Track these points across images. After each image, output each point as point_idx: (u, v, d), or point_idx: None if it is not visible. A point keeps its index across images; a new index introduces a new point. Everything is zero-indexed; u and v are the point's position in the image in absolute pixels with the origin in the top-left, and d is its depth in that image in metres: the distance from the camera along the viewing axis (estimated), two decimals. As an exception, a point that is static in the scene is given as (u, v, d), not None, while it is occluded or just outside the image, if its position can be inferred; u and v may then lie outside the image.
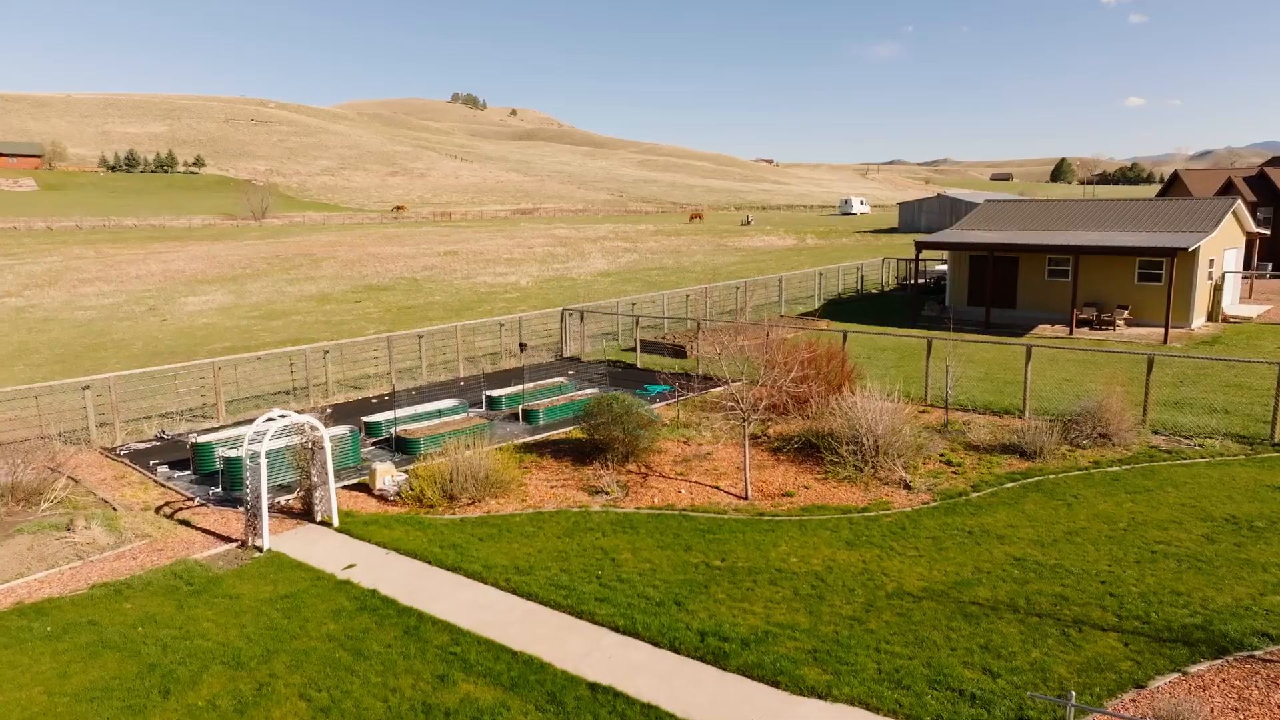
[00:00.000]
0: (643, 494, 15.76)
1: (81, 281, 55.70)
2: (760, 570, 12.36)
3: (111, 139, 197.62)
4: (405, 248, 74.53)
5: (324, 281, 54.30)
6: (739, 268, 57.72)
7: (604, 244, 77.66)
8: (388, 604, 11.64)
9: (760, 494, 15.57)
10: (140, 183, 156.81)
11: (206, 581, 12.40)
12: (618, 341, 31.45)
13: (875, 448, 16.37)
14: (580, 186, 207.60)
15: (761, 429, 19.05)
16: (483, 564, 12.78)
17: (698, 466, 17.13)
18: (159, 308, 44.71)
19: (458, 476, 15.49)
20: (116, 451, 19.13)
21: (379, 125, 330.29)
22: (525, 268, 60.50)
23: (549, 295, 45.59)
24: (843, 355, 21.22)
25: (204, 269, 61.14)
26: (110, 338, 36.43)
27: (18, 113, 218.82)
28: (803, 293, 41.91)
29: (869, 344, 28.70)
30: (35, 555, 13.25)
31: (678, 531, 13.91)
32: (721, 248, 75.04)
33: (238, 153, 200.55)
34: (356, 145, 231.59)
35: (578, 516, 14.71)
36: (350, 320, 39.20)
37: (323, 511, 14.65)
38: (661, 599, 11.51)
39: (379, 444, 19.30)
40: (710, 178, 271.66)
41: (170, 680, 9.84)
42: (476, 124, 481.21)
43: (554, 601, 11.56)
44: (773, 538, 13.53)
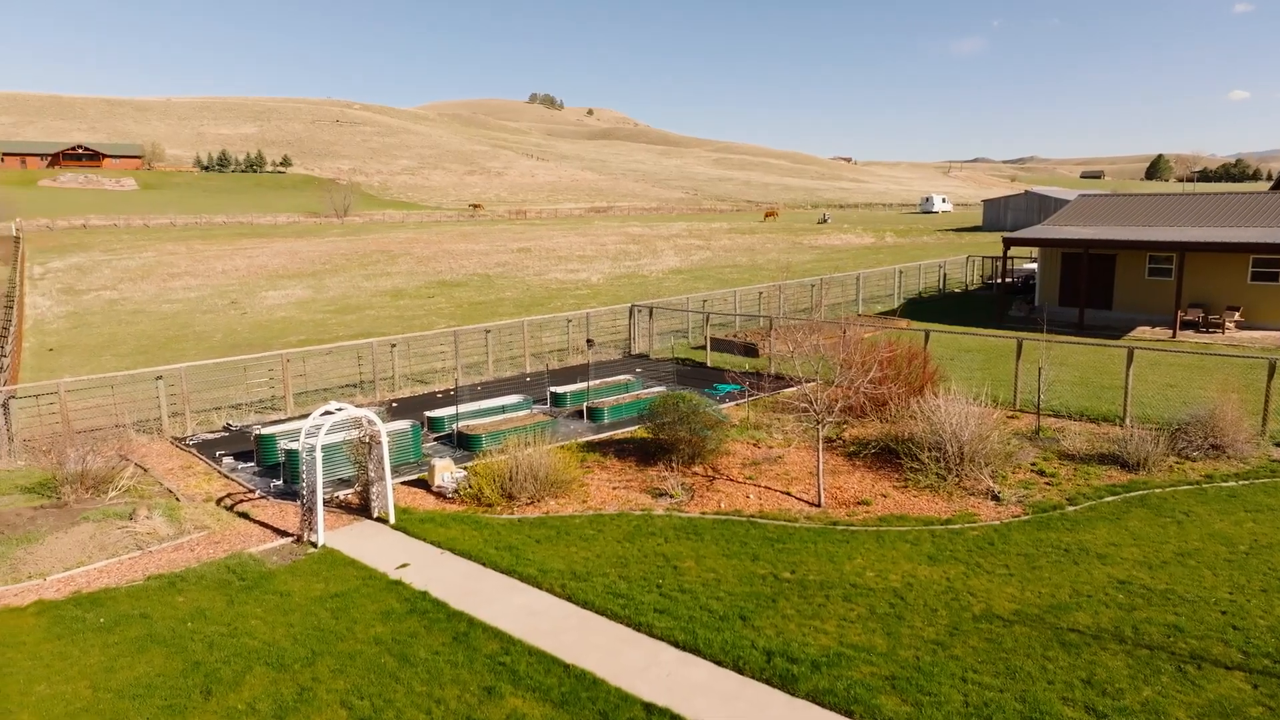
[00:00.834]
0: (708, 498, 14.99)
1: (171, 276, 57.68)
2: (833, 585, 11.46)
3: (206, 140, 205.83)
4: (479, 245, 75.17)
5: (399, 277, 54.98)
6: (814, 266, 56.26)
7: (677, 242, 76.92)
8: (438, 607, 11.15)
9: (834, 501, 14.63)
10: (231, 182, 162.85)
11: (258, 577, 12.14)
12: (687, 339, 30.69)
13: (960, 455, 15.24)
14: (654, 185, 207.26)
15: (836, 432, 18.06)
16: (538, 568, 12.20)
17: (767, 470, 16.27)
18: (240, 301, 45.83)
19: (517, 475, 14.98)
20: (186, 441, 19.28)
21: (458, 125, 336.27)
22: (597, 265, 60.20)
23: (619, 292, 45.10)
24: (924, 355, 20.04)
25: (285, 264, 62.66)
26: (192, 330, 37.38)
27: (121, 116, 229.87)
28: (881, 291, 40.41)
29: (952, 344, 27.28)
30: (97, 544, 13.23)
31: (745, 539, 13.11)
32: (797, 246, 73.49)
33: (323, 153, 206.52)
34: (436, 145, 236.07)
35: (639, 520, 14.03)
36: (422, 315, 39.40)
37: (379, 508, 14.32)
38: (725, 613, 10.74)
39: (441, 439, 18.99)
40: (786, 176, 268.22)
41: (213, 680, 9.52)
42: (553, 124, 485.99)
43: (611, 611, 10.90)
44: (847, 549, 12.61)
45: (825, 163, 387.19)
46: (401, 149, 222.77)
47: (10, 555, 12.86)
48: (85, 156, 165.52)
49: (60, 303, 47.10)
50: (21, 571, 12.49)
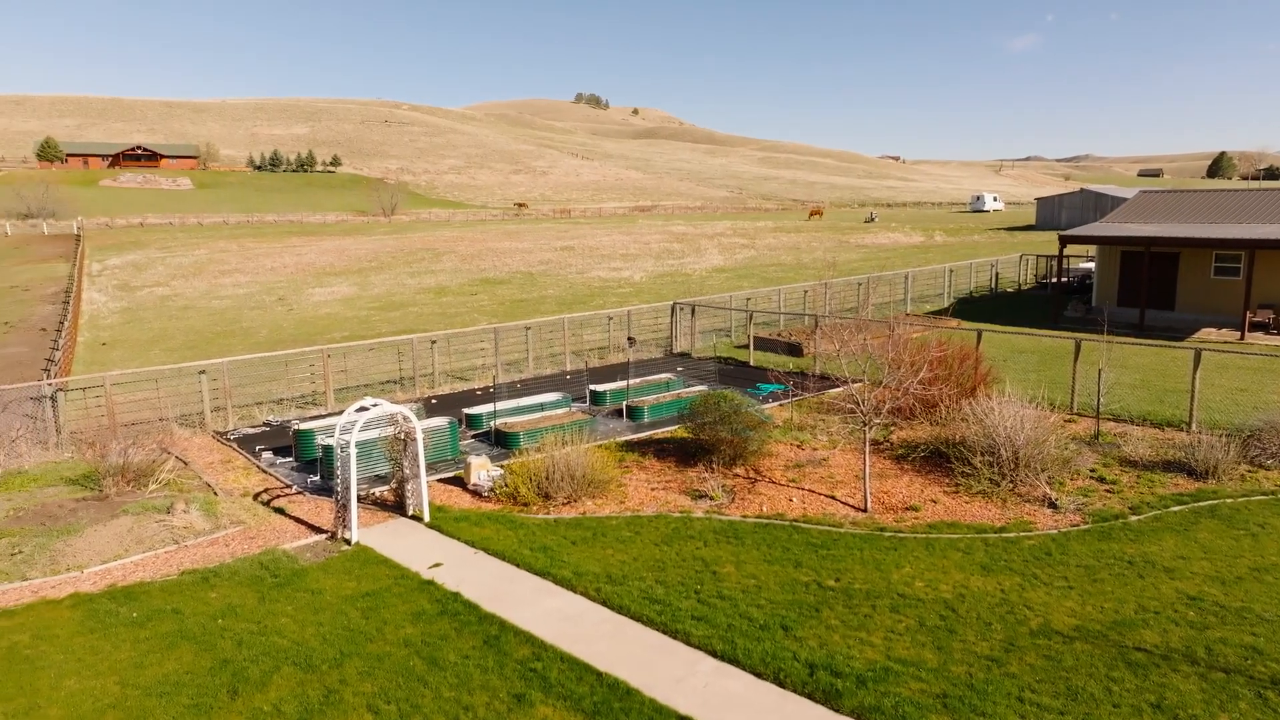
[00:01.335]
0: (750, 501, 14.52)
1: (222, 273, 58.71)
2: (880, 594, 10.93)
3: (259, 140, 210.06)
4: (523, 243, 75.35)
5: (443, 275, 55.25)
6: (861, 264, 55.26)
7: (721, 240, 76.28)
8: (470, 609, 10.87)
9: (881, 506, 14.06)
10: (282, 181, 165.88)
11: (291, 574, 11.98)
12: (730, 338, 30.18)
13: (1014, 459, 14.56)
14: (699, 184, 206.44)
15: (884, 434, 17.45)
16: (573, 570, 11.86)
17: (811, 473, 15.74)
18: (287, 298, 46.39)
19: (554, 474, 14.67)
20: (227, 436, 19.35)
21: (505, 125, 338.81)
22: (640, 263, 59.88)
23: (662, 290, 44.70)
24: (977, 356, 19.31)
25: (332, 262, 63.42)
26: (239, 325, 37.86)
27: (179, 118, 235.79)
28: (931, 290, 39.43)
29: (1005, 345, 26.38)
30: (134, 537, 13.21)
31: (787, 544, 12.62)
32: (843, 245, 72.36)
33: (371, 152, 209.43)
34: (482, 145, 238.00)
35: (678, 522, 13.62)
36: (464, 312, 39.44)
37: (414, 505, 14.11)
38: (766, 621, 10.28)
39: (479, 437, 18.78)
40: (833, 175, 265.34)
41: (240, 679, 9.34)
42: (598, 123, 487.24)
43: (646, 617, 10.50)
44: (895, 557, 12.05)
45: (873, 161, 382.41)
46: (448, 149, 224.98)
47: (50, 547, 12.90)
48: (144, 157, 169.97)
49: (115, 299, 48.16)
50: (60, 564, 12.51)
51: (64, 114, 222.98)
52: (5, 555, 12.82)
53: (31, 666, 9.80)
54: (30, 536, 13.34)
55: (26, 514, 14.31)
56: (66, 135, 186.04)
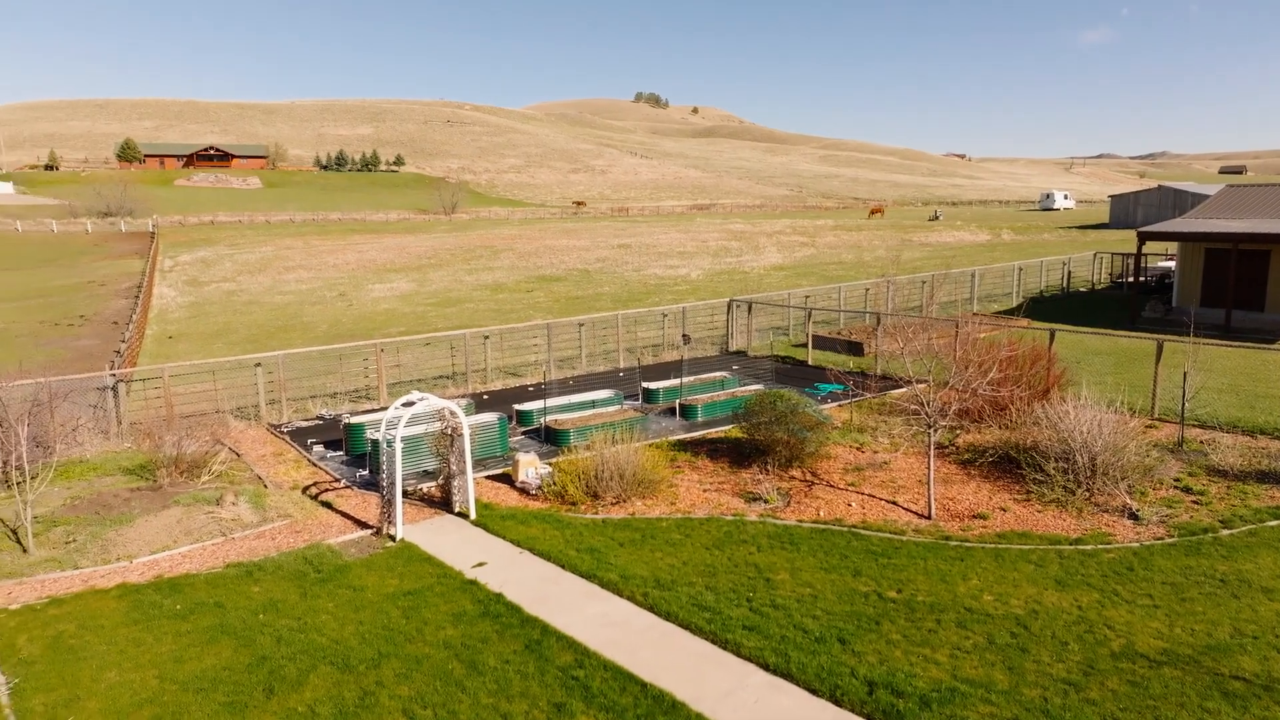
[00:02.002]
0: (806, 505, 13.90)
1: (286, 269, 59.87)
2: (945, 607, 10.25)
3: (325, 141, 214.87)
4: (580, 241, 75.33)
5: (500, 271, 55.45)
6: (925, 262, 53.75)
7: (779, 238, 75.18)
8: (512, 611, 10.51)
9: (946, 513, 13.31)
10: (347, 180, 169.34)
11: (334, 570, 11.79)
12: (788, 336, 29.45)
13: (1091, 466, 13.67)
14: (758, 182, 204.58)
15: (949, 438, 16.63)
16: (620, 573, 11.42)
17: (872, 477, 15.04)
18: (347, 293, 47.00)
19: (603, 473, 14.26)
20: (280, 429, 19.41)
21: (564, 125, 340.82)
22: (697, 261, 59.28)
23: (719, 288, 44.06)
24: (1049, 356, 18.33)
25: (393, 259, 64.21)
26: (300, 320, 38.40)
27: (250, 119, 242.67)
28: (999, 289, 38.04)
29: (1078, 346, 25.15)
30: (183, 528, 13.20)
31: (845, 551, 11.99)
32: (906, 243, 70.63)
33: (434, 152, 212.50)
34: (542, 144, 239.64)
35: (731, 526, 13.08)
36: (520, 309, 39.39)
37: (460, 502, 13.84)
38: (822, 634, 9.69)
39: (529, 433, 18.49)
40: (895, 173, 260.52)
41: (276, 678, 9.12)
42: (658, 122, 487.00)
43: (695, 625, 10.00)
44: (961, 568, 11.33)
45: (937, 159, 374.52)
46: (509, 148, 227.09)
47: (103, 536, 12.96)
48: (216, 157, 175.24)
49: (183, 293, 49.42)
50: (111, 553, 12.54)
51: (143, 116, 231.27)
52: (60, 543, 12.93)
53: (75, 657, 9.74)
54: (84, 525, 13.45)
55: (82, 503, 14.45)
56: (145, 137, 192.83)
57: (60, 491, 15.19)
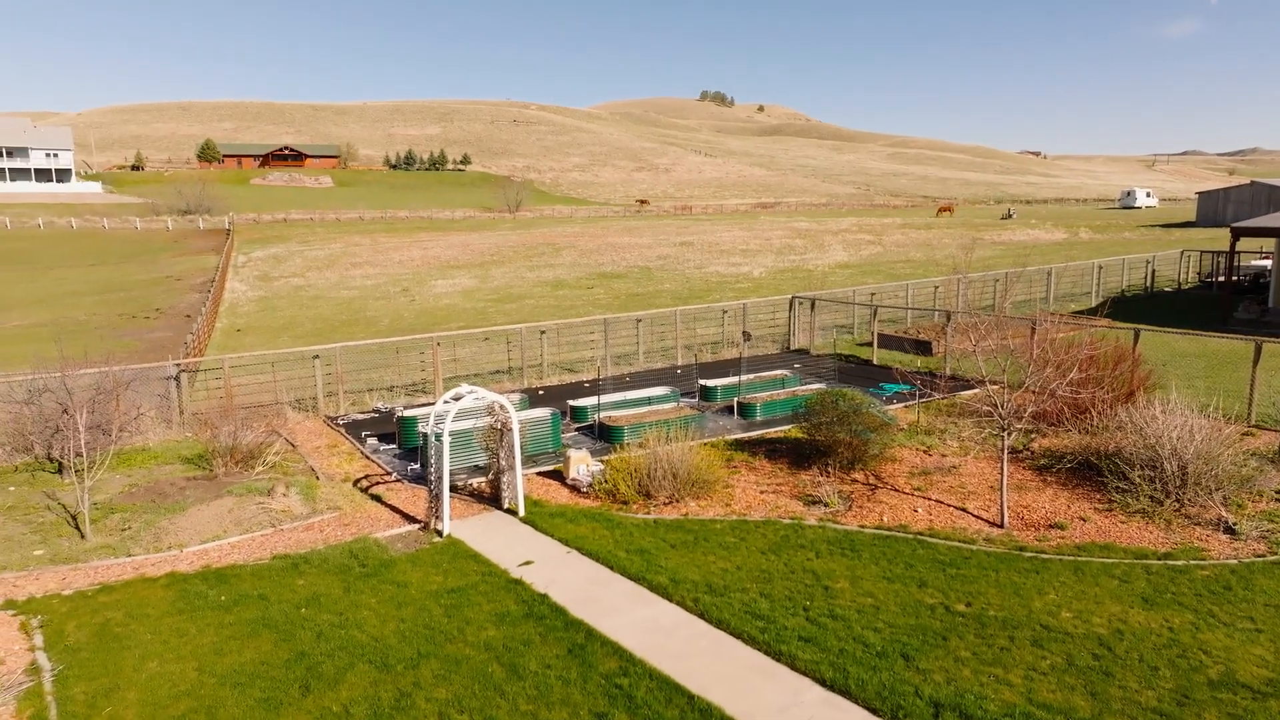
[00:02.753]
0: (869, 509, 13.21)
1: (353, 265, 60.93)
2: (1019, 624, 9.50)
3: (395, 141, 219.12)
4: (642, 238, 75.02)
5: (561, 269, 55.45)
6: (997, 261, 51.90)
7: (845, 236, 73.68)
8: (556, 613, 10.11)
9: (1020, 522, 12.48)
10: (415, 179, 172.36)
11: (379, 565, 11.57)
12: (852, 335, 28.56)
13: (1181, 475, 12.67)
14: (824, 180, 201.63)
15: (1023, 442, 15.71)
16: (670, 576, 10.94)
17: (939, 482, 14.25)
18: (411, 289, 47.50)
19: (656, 471, 13.79)
20: (336, 421, 19.44)
21: (629, 124, 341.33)
22: (760, 258, 58.39)
23: (781, 286, 43.20)
24: (1134, 358, 17.21)
25: (457, 256, 64.83)
26: (364, 314, 38.88)
27: (323, 120, 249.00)
28: (1077, 288, 36.38)
29: (1164, 347, 23.73)
30: (234, 519, 13.17)
31: (910, 560, 11.29)
32: (977, 241, 68.45)
33: (500, 151, 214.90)
34: (606, 143, 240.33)
35: (788, 530, 12.48)
36: (579, 305, 39.19)
37: (509, 498, 13.53)
38: (884, 648, 9.05)
39: (583, 430, 18.13)
40: (966, 170, 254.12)
41: (314, 675, 8.89)
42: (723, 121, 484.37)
43: (748, 634, 9.46)
44: (1037, 581, 10.54)
45: (1010, 156, 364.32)
46: (573, 147, 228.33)
47: (156, 524, 13.00)
48: (290, 157, 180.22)
49: (254, 288, 50.60)
50: (163, 541, 12.56)
51: (223, 118, 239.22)
52: (117, 530, 13.02)
53: (120, 645, 9.68)
54: (140, 513, 13.53)
55: (139, 490, 14.57)
56: (224, 137, 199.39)
57: (120, 479, 15.39)
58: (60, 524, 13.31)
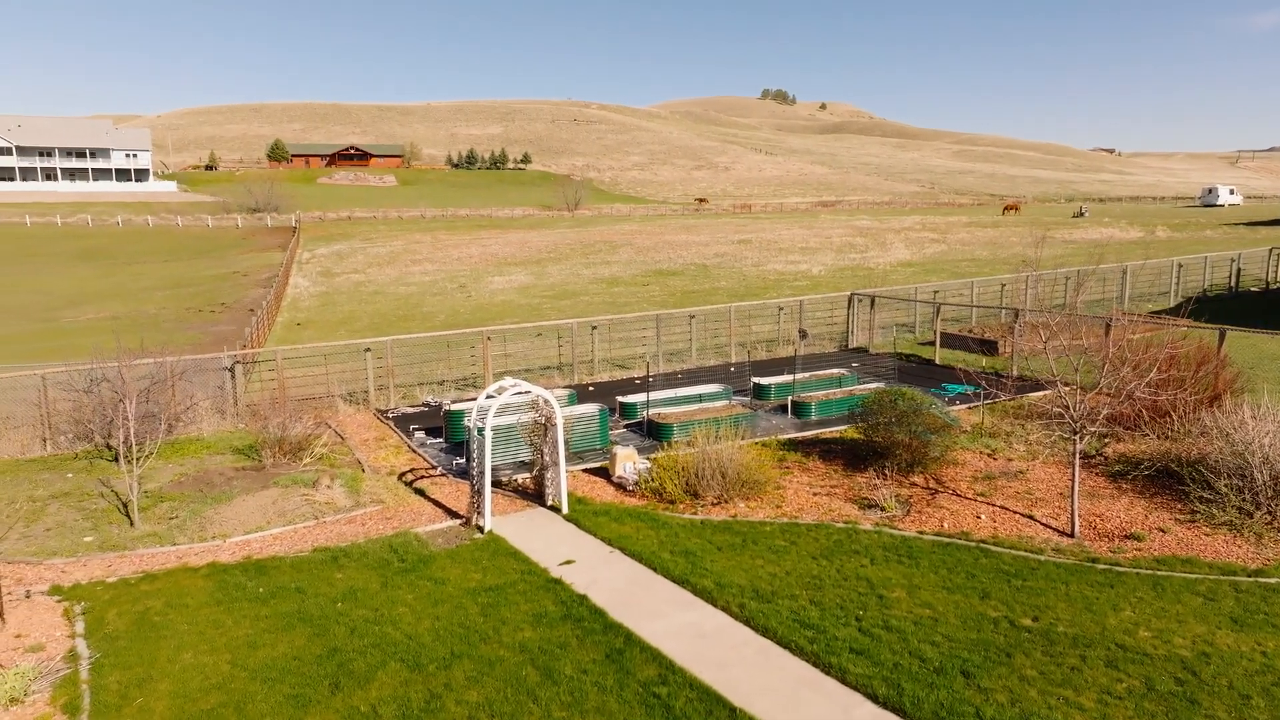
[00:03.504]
0: (928, 515, 12.53)
1: (413, 262, 61.64)
2: (1092, 642, 8.79)
3: (457, 140, 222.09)
4: (700, 236, 74.40)
5: (617, 266, 55.22)
6: (1069, 259, 49.98)
7: (908, 235, 71.97)
8: (595, 615, 9.73)
9: (1093, 532, 11.68)
10: (476, 178, 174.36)
11: (418, 560, 11.34)
12: (914, 334, 27.62)
13: (1273, 485, 11.72)
14: (887, 179, 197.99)
15: (1096, 446, 14.80)
16: (715, 580, 10.46)
17: (1005, 487, 13.48)
18: (467, 285, 47.77)
19: (704, 470, 13.32)
20: (386, 414, 19.41)
21: (689, 122, 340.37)
22: (819, 256, 57.33)
23: (840, 284, 42.21)
24: (1219, 359, 16.13)
25: (514, 253, 65.13)
26: (420, 310, 39.15)
27: (388, 120, 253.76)
28: (1154, 287, 34.69)
29: (1253, 349, 22.32)
30: (277, 510, 13.11)
31: (972, 570, 10.62)
32: (1047, 239, 66.12)
33: (560, 150, 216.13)
34: (665, 141, 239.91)
35: (841, 534, 11.89)
36: (634, 302, 38.85)
37: (553, 495, 13.20)
38: (942, 664, 8.45)
39: (632, 427, 17.74)
40: (1036, 168, 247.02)
41: (344, 672, 8.66)
42: (784, 119, 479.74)
43: (795, 644, 8.94)
44: (1111, 596, 9.79)
45: (1083, 154, 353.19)
46: (633, 145, 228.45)
47: (202, 514, 13.02)
48: (356, 156, 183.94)
49: (316, 283, 51.50)
50: (208, 531, 12.55)
51: (293, 119, 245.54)
52: (164, 519, 13.07)
53: (157, 635, 9.61)
54: (187, 502, 13.57)
55: (188, 480, 14.65)
56: (293, 138, 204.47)
57: (173, 468, 15.51)
58: (111, 511, 13.43)
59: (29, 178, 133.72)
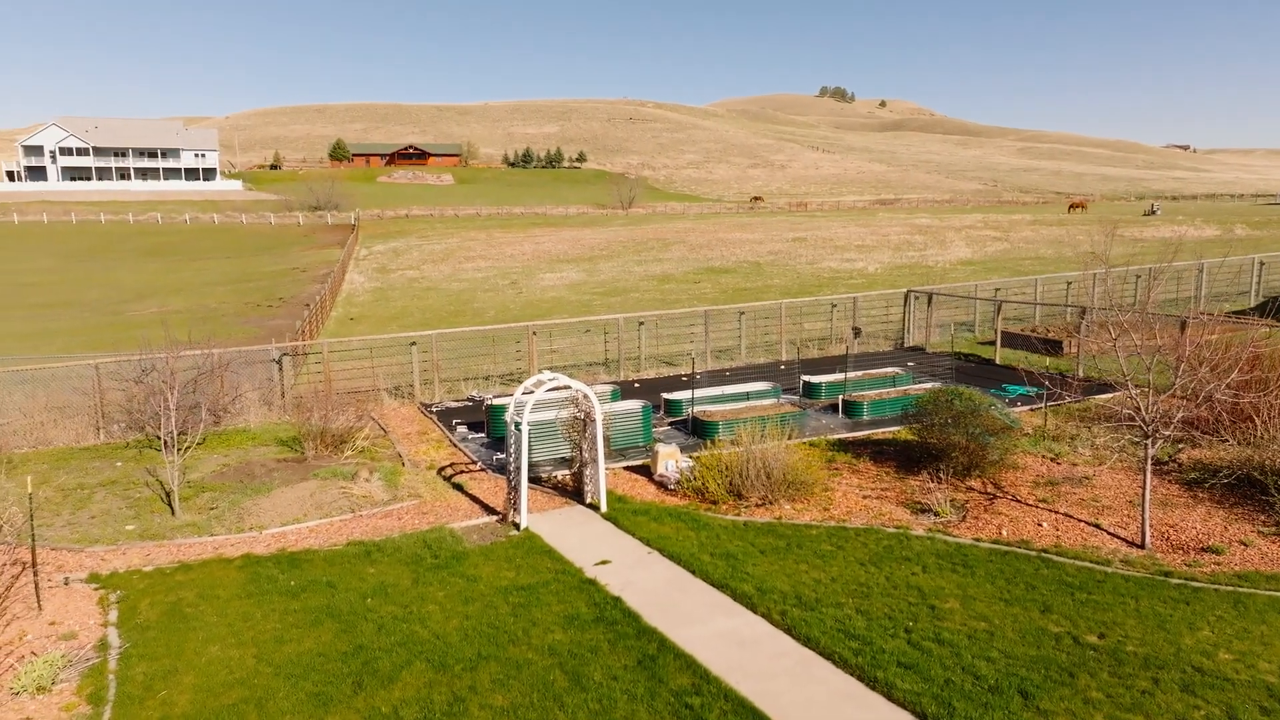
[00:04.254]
0: (986, 521, 11.85)
1: (467, 259, 62.05)
2: (1165, 663, 8.09)
3: (514, 139, 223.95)
4: (754, 234, 73.52)
5: (669, 263, 54.78)
6: (1138, 259, 48.00)
7: (969, 233, 70.07)
8: (629, 619, 9.32)
9: (1166, 544, 10.89)
10: (531, 176, 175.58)
11: (451, 556, 11.08)
12: (973, 333, 26.64)
13: (1369, 498, 10.77)
14: (948, 176, 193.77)
15: (1169, 452, 13.90)
16: (756, 585, 9.98)
17: (1069, 494, 12.71)
18: (519, 282, 47.83)
19: (748, 470, 12.82)
20: (430, 408, 19.30)
21: (745, 120, 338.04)
22: (876, 254, 56.09)
23: (897, 282, 41.13)
24: (1307, 361, 15.01)
25: (567, 250, 65.14)
26: (471, 306, 39.26)
27: (446, 120, 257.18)
28: (1232, 287, 32.99)
29: (1340, 352, 20.90)
30: (314, 502, 13.00)
31: (1032, 581, 9.95)
32: (1116, 238, 63.68)
33: (615, 149, 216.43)
34: (721, 140, 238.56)
35: (892, 540, 11.29)
36: (684, 300, 38.38)
37: (591, 493, 12.85)
38: (998, 682, 7.85)
39: (676, 424, 17.31)
40: (1105, 165, 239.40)
41: (368, 671, 8.40)
42: (842, 116, 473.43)
43: (839, 655, 8.42)
44: (1187, 614, 9.04)
45: (1155, 151, 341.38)
46: (688, 144, 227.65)
47: (240, 505, 12.97)
48: (414, 156, 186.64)
49: (371, 279, 52.12)
50: (245, 522, 12.49)
51: (354, 119, 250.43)
52: (204, 509, 13.07)
53: (187, 626, 9.50)
54: (227, 493, 13.56)
55: (230, 471, 14.67)
56: (355, 138, 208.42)
57: (217, 458, 15.57)
58: (154, 500, 13.48)
59: (104, 177, 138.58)
